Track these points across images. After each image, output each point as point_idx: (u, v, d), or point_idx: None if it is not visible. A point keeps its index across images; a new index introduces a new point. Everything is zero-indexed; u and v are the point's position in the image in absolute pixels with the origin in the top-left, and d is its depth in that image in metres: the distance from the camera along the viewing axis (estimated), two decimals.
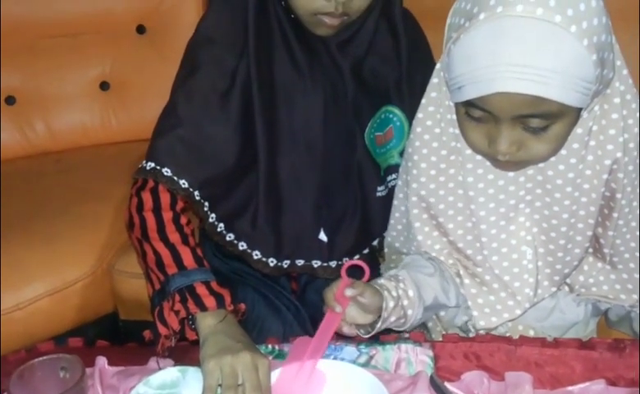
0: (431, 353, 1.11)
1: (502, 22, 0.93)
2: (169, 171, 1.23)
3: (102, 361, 1.11)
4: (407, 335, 1.19)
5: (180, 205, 1.24)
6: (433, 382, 1.04)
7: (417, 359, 1.10)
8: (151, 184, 1.24)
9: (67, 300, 1.59)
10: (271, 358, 1.12)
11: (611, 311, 1.26)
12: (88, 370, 1.10)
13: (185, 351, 1.15)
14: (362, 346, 1.14)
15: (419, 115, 1.16)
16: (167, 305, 1.13)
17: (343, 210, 1.36)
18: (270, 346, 1.16)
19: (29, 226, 1.65)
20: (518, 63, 0.93)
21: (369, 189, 1.37)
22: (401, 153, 1.33)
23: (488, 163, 1.12)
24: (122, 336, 1.68)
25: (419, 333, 1.18)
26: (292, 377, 0.99)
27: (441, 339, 1.17)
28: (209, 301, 1.11)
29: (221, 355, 1.00)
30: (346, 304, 1.08)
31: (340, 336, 1.15)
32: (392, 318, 1.13)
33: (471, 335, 1.22)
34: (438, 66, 1.11)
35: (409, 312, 1.16)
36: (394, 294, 1.13)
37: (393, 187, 1.33)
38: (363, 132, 1.35)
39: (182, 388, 0.99)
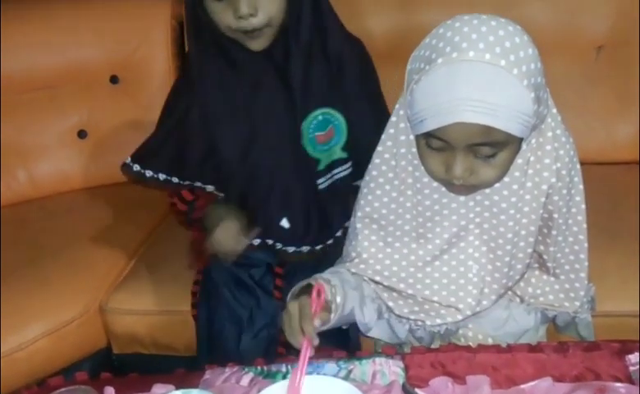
0: (402, 364, 1.25)
1: (457, 65, 1.09)
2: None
3: (110, 391, 1.23)
4: (380, 350, 1.34)
5: None
6: (405, 390, 1.18)
7: (390, 370, 1.24)
8: None
9: (64, 339, 1.71)
10: (260, 378, 1.26)
11: (558, 318, 1.42)
12: None
13: (186, 377, 1.28)
14: (341, 362, 1.27)
15: (379, 148, 1.31)
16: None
17: (296, 200, 1.60)
18: (259, 368, 1.29)
19: (23, 272, 1.77)
20: (472, 98, 1.08)
21: (312, 181, 1.60)
22: (344, 148, 1.60)
23: (443, 189, 1.27)
24: (116, 370, 1.78)
25: (390, 348, 1.32)
26: None
27: (409, 352, 1.32)
28: None
29: None
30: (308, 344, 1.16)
31: (320, 355, 1.29)
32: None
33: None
34: (397, 106, 1.26)
35: (331, 316, 1.26)
36: (328, 296, 1.26)
37: (339, 180, 1.61)
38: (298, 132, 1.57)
39: None
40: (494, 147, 1.14)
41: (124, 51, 2.23)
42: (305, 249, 1.63)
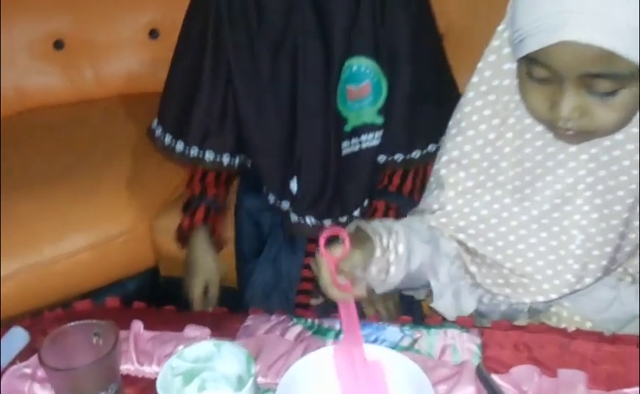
0: (478, 341, 1.05)
1: None
2: None
3: (137, 326, 1.08)
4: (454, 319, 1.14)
5: None
6: (480, 373, 0.98)
7: (463, 346, 1.04)
8: None
9: (108, 254, 1.58)
10: (309, 333, 1.08)
11: None
12: (123, 333, 1.08)
13: (221, 319, 1.12)
14: (406, 328, 1.08)
15: (474, 79, 1.09)
16: None
17: (311, 159, 1.38)
18: (310, 320, 1.11)
19: (72, 176, 1.64)
20: (586, 10, 0.85)
21: (335, 141, 1.37)
22: (380, 112, 1.35)
23: (550, 135, 1.05)
24: (162, 292, 1.66)
25: (468, 318, 1.11)
26: (351, 376, 0.95)
27: (490, 326, 1.11)
28: None
29: None
30: (349, 288, 0.98)
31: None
32: (372, 269, 1.06)
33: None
34: (500, 27, 1.03)
35: (392, 269, 1.08)
36: (384, 242, 1.07)
37: (366, 149, 1.37)
38: (331, 82, 1.34)
39: (217, 362, 0.95)
40: (614, 81, 0.90)
41: None
42: (311, 221, 1.42)
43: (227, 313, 1.15)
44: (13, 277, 1.49)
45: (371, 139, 1.39)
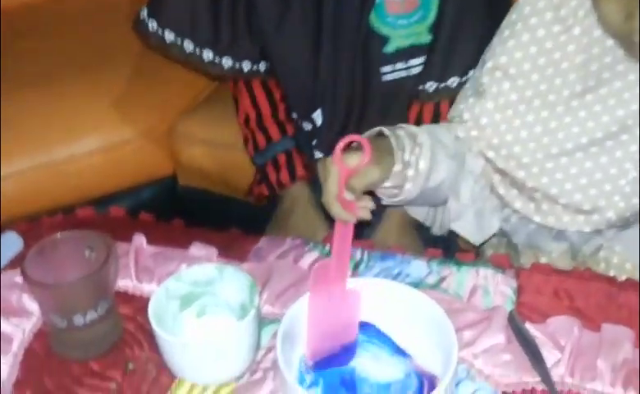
0: (514, 284, 0.93)
1: None
2: None
3: (140, 240, 0.99)
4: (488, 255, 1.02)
5: None
6: (512, 322, 0.87)
7: (496, 289, 0.93)
8: None
9: (124, 158, 1.48)
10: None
11: None
12: (124, 246, 1.00)
13: (232, 240, 1.02)
14: (433, 263, 0.97)
15: None
16: None
17: (340, 88, 1.17)
18: (327, 247, 1.01)
19: (85, 73, 1.52)
20: None
21: (370, 67, 1.17)
22: (432, 29, 1.13)
23: (620, 52, 0.93)
24: (180, 202, 1.57)
25: (503, 256, 1.00)
26: (323, 304, 0.84)
27: (528, 267, 0.99)
28: None
29: None
30: (354, 208, 0.84)
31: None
32: (387, 183, 0.94)
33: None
34: None
35: (408, 186, 0.95)
36: (406, 157, 0.94)
37: (411, 77, 1.16)
38: None
39: (218, 287, 0.86)
40: None
41: None
42: None
43: (239, 234, 1.05)
44: (19, 177, 1.40)
45: (419, 64, 1.17)
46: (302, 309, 0.82)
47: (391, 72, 1.17)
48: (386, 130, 0.95)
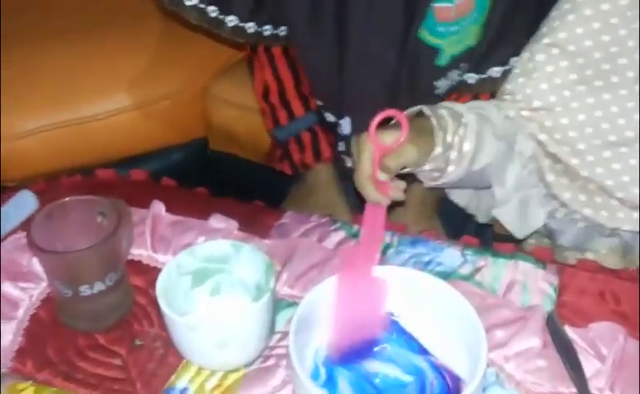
0: (555, 281, 0.86)
1: None
2: None
3: (158, 207, 0.94)
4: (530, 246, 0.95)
5: None
6: (551, 323, 0.80)
7: (535, 285, 0.86)
8: None
9: (153, 117, 1.42)
10: (352, 243, 0.92)
11: None
12: (142, 212, 0.95)
13: (255, 213, 0.97)
14: (469, 252, 0.90)
15: None
16: None
17: (376, 105, 1.02)
18: (356, 227, 0.94)
19: (116, 28, 1.47)
20: None
21: (420, 82, 1.04)
22: (483, 28, 1.00)
23: None
24: (209, 167, 1.52)
25: (546, 250, 0.92)
26: (350, 292, 0.77)
27: (573, 263, 0.91)
28: None
29: None
30: (388, 189, 0.78)
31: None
32: (427, 167, 0.87)
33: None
34: None
35: (450, 169, 0.88)
36: (448, 139, 0.86)
37: (464, 82, 1.05)
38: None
39: (234, 265, 0.80)
40: None
41: None
42: None
43: (263, 208, 0.99)
44: (43, 134, 1.36)
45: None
46: (322, 295, 0.76)
47: (445, 83, 1.06)
48: (426, 108, 0.87)
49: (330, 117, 1.13)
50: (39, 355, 0.78)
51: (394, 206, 0.81)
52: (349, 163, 1.11)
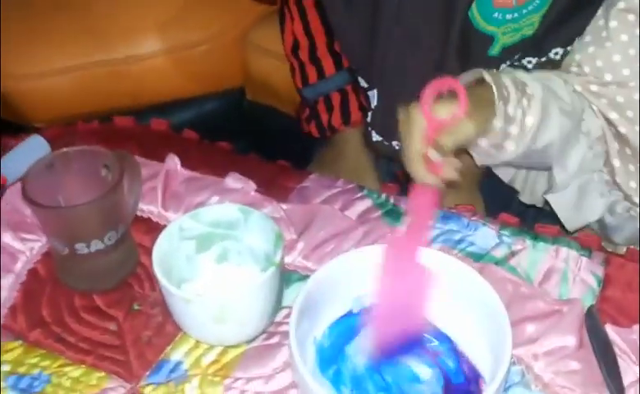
0: (600, 273, 0.77)
1: None
2: None
3: (173, 162, 0.88)
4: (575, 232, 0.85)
5: None
6: (589, 320, 0.71)
7: (577, 275, 0.77)
8: None
9: (187, 63, 1.36)
10: (378, 213, 0.84)
11: None
12: (157, 166, 0.89)
13: (278, 174, 0.90)
14: (505, 233, 0.81)
15: None
16: None
17: (410, 87, 0.92)
18: (384, 196, 0.87)
19: None
20: None
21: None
22: (543, 17, 0.89)
23: None
24: (244, 118, 1.46)
25: (593, 236, 0.83)
26: (393, 287, 0.68)
27: (623, 253, 0.82)
28: None
29: None
30: (440, 169, 0.68)
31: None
32: (484, 143, 0.79)
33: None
34: None
35: (509, 145, 0.79)
36: (509, 111, 0.77)
37: (522, 67, 0.93)
38: None
39: (242, 232, 0.74)
40: None
41: None
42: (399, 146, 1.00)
43: (287, 168, 0.92)
44: (74, 74, 1.31)
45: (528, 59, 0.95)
46: (334, 272, 0.69)
47: None
48: (487, 74, 0.77)
49: (362, 82, 1.04)
50: (32, 313, 0.74)
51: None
52: (374, 137, 1.02)
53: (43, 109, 1.32)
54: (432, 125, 0.67)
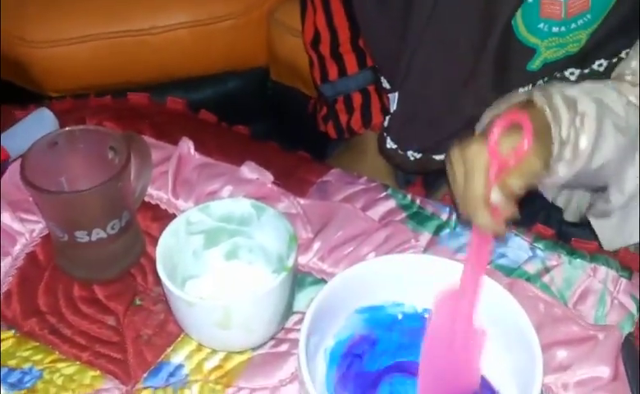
0: None
1: None
2: None
3: (186, 146, 0.83)
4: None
5: None
6: (627, 348, 0.65)
7: (616, 298, 0.71)
8: None
9: (211, 38, 1.30)
10: (402, 215, 0.78)
11: None
12: (170, 148, 0.84)
13: (298, 165, 0.84)
14: (539, 246, 0.75)
15: None
16: None
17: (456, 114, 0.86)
18: (409, 197, 0.81)
19: None
20: None
21: (503, 86, 0.83)
22: (591, 34, 0.80)
23: None
24: (267, 99, 1.40)
25: (634, 254, 0.76)
26: (443, 342, 0.62)
27: None
28: None
29: None
30: (500, 213, 0.60)
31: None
32: None
33: None
34: None
35: (560, 169, 0.71)
36: (563, 134, 0.69)
37: (565, 79, 0.84)
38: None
39: (254, 229, 0.69)
40: None
41: None
42: (414, 156, 0.93)
43: (308, 160, 0.86)
44: (92, 44, 1.26)
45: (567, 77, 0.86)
46: (353, 281, 0.64)
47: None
48: (539, 96, 0.69)
49: (385, 84, 0.97)
50: (28, 301, 0.70)
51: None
52: (388, 144, 0.95)
53: (60, 78, 1.27)
54: (500, 165, 0.59)
